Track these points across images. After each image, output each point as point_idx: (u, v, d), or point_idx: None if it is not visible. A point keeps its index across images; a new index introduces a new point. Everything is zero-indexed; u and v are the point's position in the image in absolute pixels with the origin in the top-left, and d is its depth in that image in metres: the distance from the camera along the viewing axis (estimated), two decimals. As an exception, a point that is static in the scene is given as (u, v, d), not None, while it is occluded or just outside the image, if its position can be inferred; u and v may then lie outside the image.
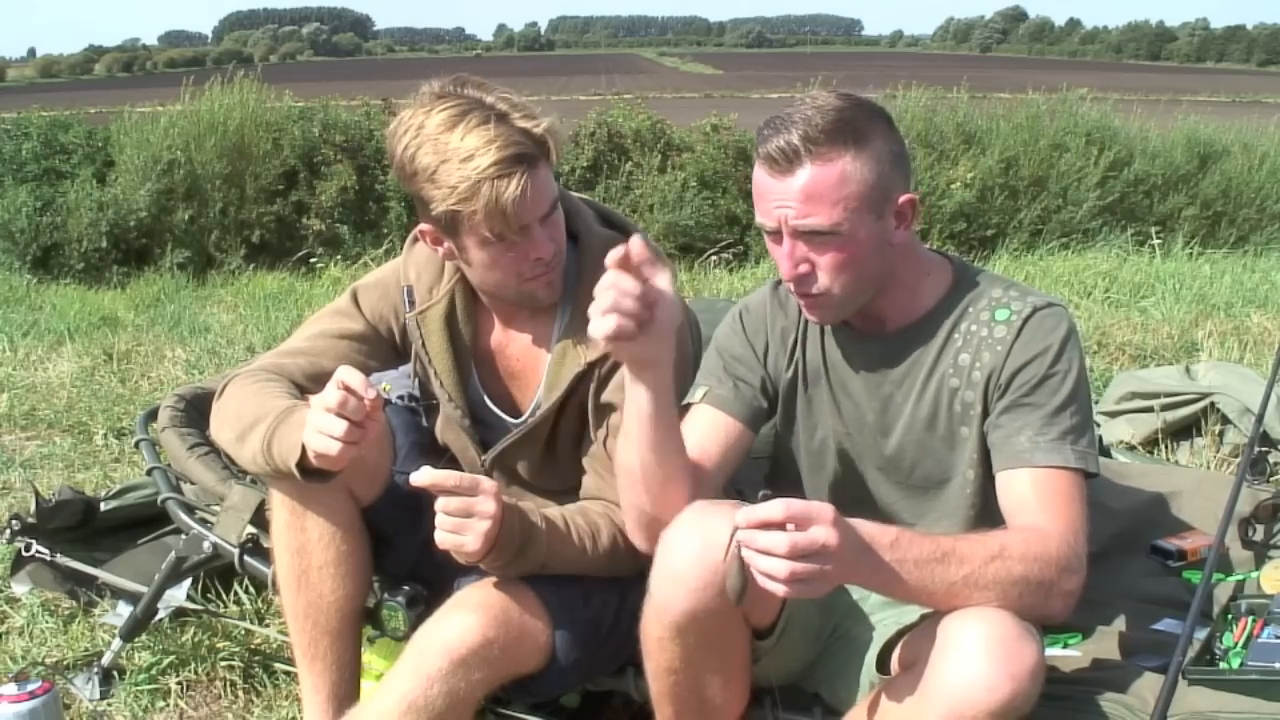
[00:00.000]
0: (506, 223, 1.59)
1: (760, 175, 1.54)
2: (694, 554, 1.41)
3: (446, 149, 1.57)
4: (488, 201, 1.56)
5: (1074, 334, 1.59)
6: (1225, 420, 3.18)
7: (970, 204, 7.05)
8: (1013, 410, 1.56)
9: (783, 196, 1.51)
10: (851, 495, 1.71)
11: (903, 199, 1.55)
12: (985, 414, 1.60)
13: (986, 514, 1.63)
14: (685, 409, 1.70)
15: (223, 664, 2.21)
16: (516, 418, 1.83)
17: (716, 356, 1.75)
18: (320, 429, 1.49)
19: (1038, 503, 1.49)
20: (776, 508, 1.24)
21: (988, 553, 1.37)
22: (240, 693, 2.17)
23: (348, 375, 1.49)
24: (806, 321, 1.70)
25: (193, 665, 2.22)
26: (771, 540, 1.24)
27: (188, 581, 2.29)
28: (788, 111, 1.52)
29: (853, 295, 1.58)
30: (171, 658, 2.22)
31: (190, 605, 2.31)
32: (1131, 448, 3.20)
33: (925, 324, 1.64)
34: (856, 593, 1.67)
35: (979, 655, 1.30)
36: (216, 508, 2.09)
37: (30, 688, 1.90)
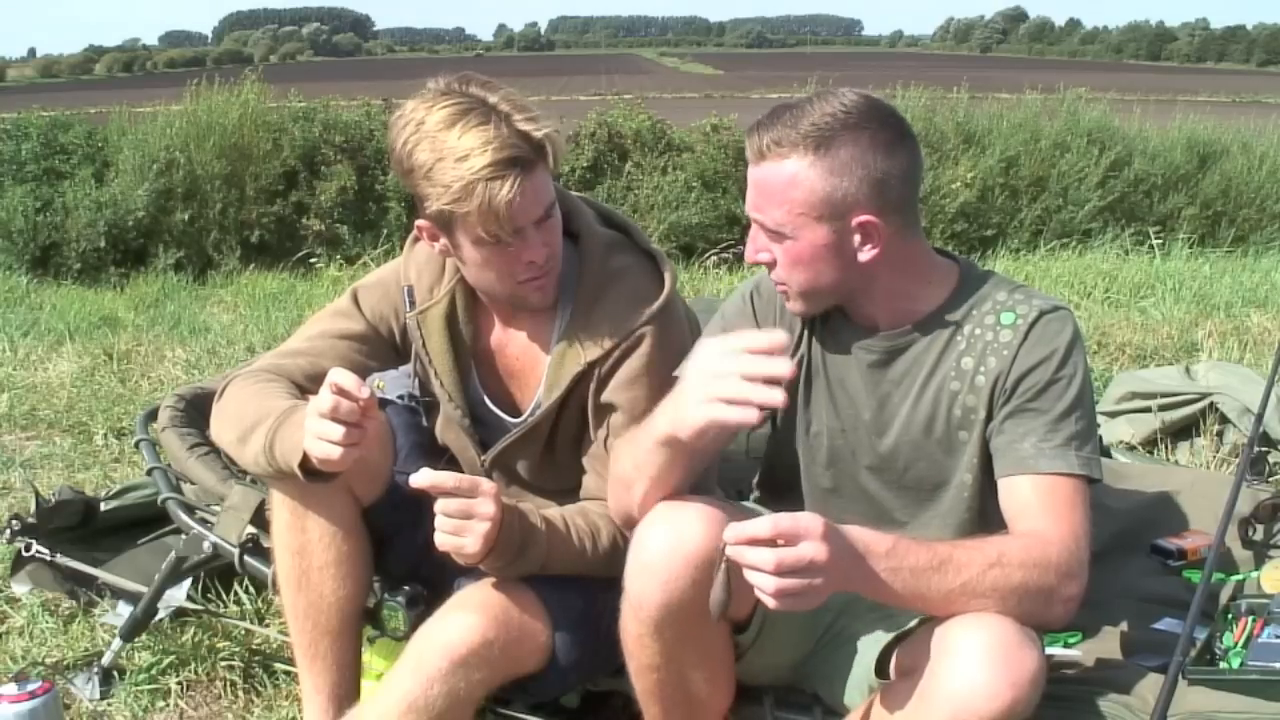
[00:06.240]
0: (500, 224, 1.58)
1: None
2: (664, 547, 1.42)
3: (443, 147, 1.56)
4: (481, 202, 1.55)
5: (1079, 339, 1.58)
6: (1225, 420, 3.18)
7: (971, 204, 7.06)
8: (1017, 415, 1.54)
9: (748, 185, 1.56)
10: (844, 492, 1.70)
11: (860, 218, 1.50)
12: (989, 419, 1.58)
13: (984, 517, 1.61)
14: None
15: (223, 664, 2.21)
16: (516, 417, 1.82)
17: (721, 334, 1.73)
18: (318, 435, 1.49)
19: (1040, 509, 1.47)
20: (764, 524, 1.24)
21: (986, 560, 1.35)
22: (240, 693, 2.17)
23: (339, 377, 1.49)
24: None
25: (193, 665, 2.22)
26: (759, 557, 1.23)
27: (188, 581, 2.29)
28: (789, 106, 1.52)
29: (809, 295, 1.58)
30: (171, 658, 2.22)
31: (190, 605, 2.31)
32: (1131, 448, 3.19)
33: (927, 325, 1.62)
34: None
35: (980, 662, 1.29)
36: (216, 508, 2.09)
37: (30, 688, 1.90)
